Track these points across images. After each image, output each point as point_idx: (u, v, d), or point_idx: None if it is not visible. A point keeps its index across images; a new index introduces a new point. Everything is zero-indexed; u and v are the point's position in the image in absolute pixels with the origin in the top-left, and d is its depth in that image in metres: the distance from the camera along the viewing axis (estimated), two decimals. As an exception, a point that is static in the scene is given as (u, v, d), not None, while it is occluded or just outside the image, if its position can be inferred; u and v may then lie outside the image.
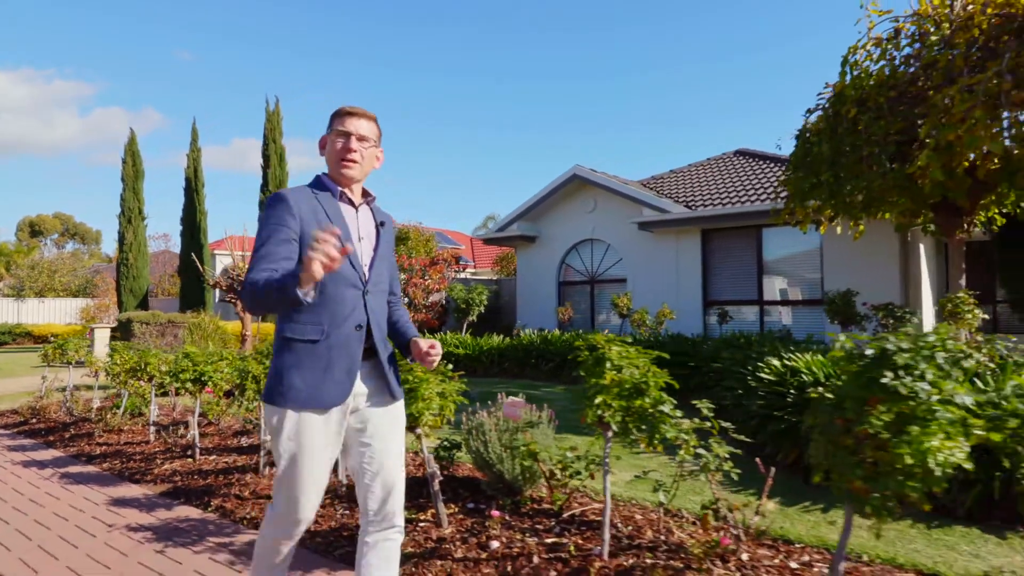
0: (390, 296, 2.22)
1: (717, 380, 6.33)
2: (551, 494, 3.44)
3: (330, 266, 1.60)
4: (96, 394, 7.53)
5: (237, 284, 11.27)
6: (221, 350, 5.69)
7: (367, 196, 2.15)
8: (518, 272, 15.99)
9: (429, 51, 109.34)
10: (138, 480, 4.46)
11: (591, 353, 2.88)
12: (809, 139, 7.53)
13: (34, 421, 6.82)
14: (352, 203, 2.07)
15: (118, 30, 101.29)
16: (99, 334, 12.56)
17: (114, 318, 18.07)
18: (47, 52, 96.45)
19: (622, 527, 3.18)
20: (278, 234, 1.88)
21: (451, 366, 3.43)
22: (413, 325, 2.26)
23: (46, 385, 8.11)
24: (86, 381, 8.82)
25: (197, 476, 4.44)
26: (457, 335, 12.06)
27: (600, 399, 2.72)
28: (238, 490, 4.05)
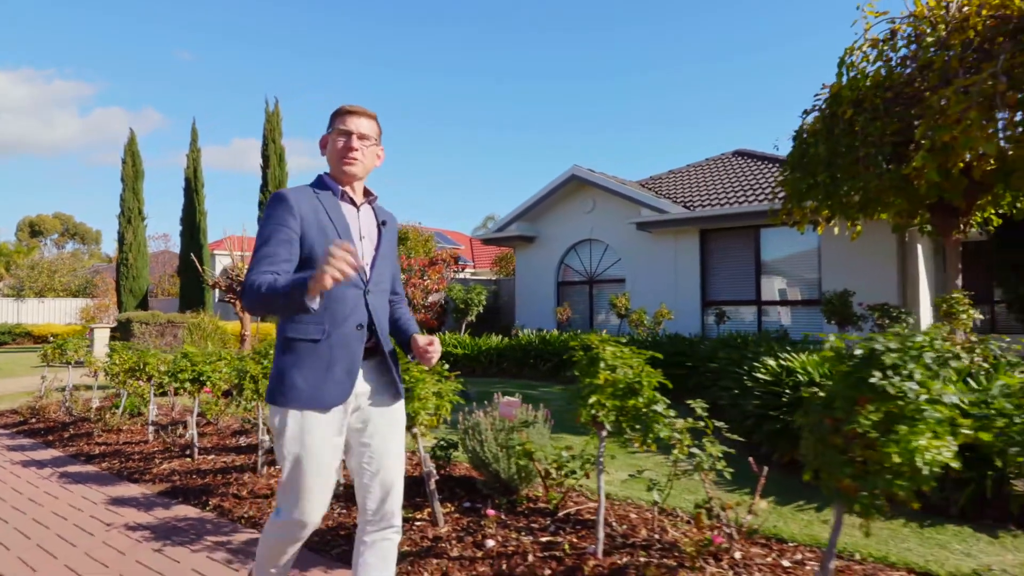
0: (392, 295, 2.21)
1: (714, 380, 6.35)
2: (546, 493, 3.46)
3: (340, 281, 1.65)
4: (95, 394, 7.56)
5: (236, 284, 11.28)
6: (220, 350, 5.70)
7: (369, 195, 2.14)
8: (517, 272, 16.00)
9: (429, 51, 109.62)
10: (137, 479, 4.48)
11: (585, 353, 2.90)
12: (806, 140, 7.55)
13: (33, 421, 6.84)
14: (353, 202, 2.07)
15: (118, 30, 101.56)
16: (98, 334, 12.59)
17: (114, 318, 18.07)
18: (47, 52, 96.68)
19: (617, 526, 3.20)
20: (278, 234, 1.88)
21: (448, 366, 3.45)
22: (415, 322, 2.26)
23: (45, 385, 8.13)
24: (85, 381, 8.83)
25: (195, 475, 4.46)
26: (456, 335, 12.08)
27: (594, 399, 2.74)
28: (236, 489, 4.07)
